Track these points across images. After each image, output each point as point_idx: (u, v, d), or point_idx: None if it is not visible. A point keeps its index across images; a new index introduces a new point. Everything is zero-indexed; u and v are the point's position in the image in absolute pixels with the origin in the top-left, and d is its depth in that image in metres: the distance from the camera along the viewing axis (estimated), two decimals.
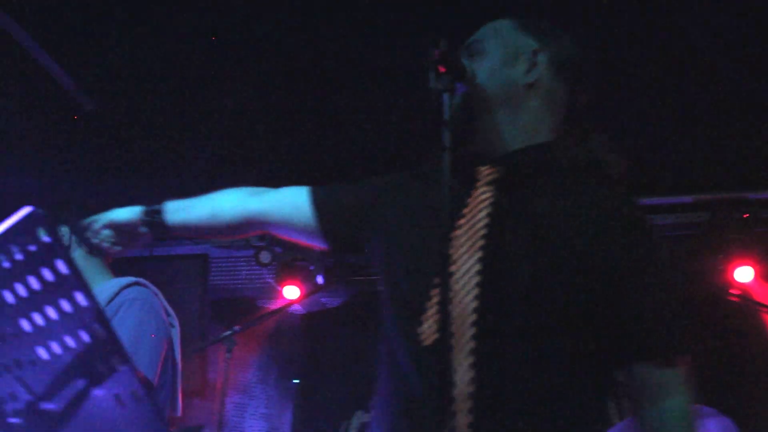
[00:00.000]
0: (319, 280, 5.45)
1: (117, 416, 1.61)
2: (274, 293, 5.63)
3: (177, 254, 5.71)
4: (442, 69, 1.63)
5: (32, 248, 1.53)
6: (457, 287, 1.66)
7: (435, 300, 1.67)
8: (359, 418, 5.38)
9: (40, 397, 1.72)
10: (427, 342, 1.65)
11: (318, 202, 1.99)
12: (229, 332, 4.11)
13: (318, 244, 2.03)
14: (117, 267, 3.05)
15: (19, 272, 1.58)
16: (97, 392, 1.61)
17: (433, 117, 1.63)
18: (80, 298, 1.50)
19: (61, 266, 1.50)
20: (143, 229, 2.15)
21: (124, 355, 1.52)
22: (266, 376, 5.85)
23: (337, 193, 2.02)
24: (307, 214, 1.99)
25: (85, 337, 1.54)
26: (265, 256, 5.41)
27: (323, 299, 5.82)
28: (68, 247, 2.82)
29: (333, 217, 1.98)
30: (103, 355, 1.54)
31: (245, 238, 5.49)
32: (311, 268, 5.45)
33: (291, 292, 5.40)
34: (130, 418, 1.57)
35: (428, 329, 1.66)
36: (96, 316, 1.50)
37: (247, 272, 5.83)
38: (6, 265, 1.61)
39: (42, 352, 1.66)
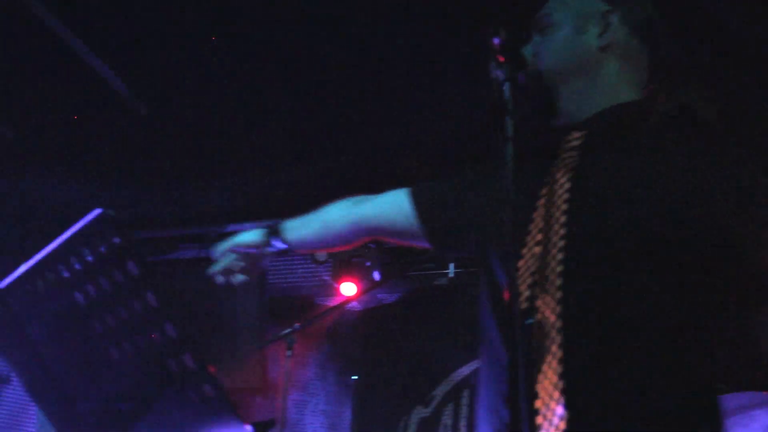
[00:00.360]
0: (376, 276, 5.45)
1: (188, 414, 1.62)
2: (331, 290, 5.65)
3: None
4: (501, 59, 1.63)
5: (103, 250, 1.55)
6: (543, 253, 1.66)
7: (523, 267, 1.68)
8: (418, 413, 5.38)
9: (113, 396, 1.74)
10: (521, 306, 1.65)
11: (418, 203, 2.02)
12: (289, 330, 4.14)
13: (421, 244, 2.07)
14: (175, 270, 3.09)
15: (90, 274, 1.61)
16: (169, 391, 1.62)
17: (495, 107, 1.62)
18: (151, 298, 1.52)
19: (132, 267, 1.52)
20: (268, 250, 2.20)
21: (196, 354, 1.53)
22: (325, 373, 5.88)
23: (435, 192, 2.04)
24: (408, 216, 2.02)
25: (156, 336, 1.56)
26: (320, 254, 5.43)
27: (380, 295, 5.81)
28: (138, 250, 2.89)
29: (432, 216, 2.00)
30: (174, 354, 1.55)
31: None
32: (367, 264, 5.45)
33: (348, 288, 5.41)
34: (202, 417, 1.59)
35: (518, 296, 1.66)
36: (167, 316, 1.52)
37: (304, 270, 5.85)
38: (77, 267, 1.63)
39: (114, 352, 1.68)
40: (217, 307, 5.47)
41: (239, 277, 2.22)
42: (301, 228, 2.20)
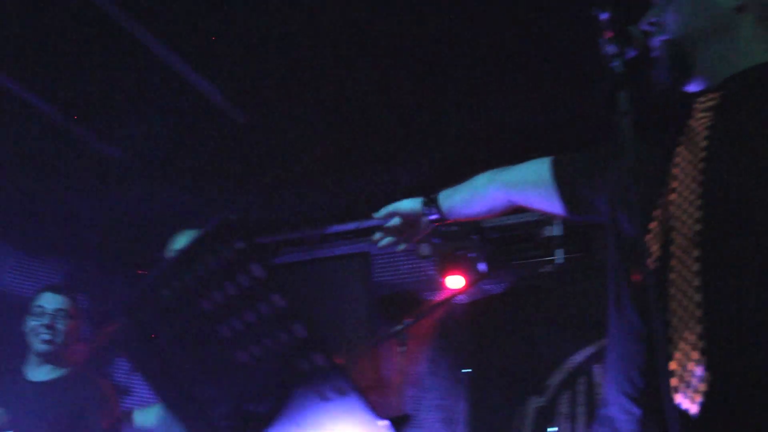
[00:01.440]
0: (481, 267, 5.39)
1: (322, 412, 1.63)
2: (437, 285, 5.62)
3: (338, 255, 5.77)
4: (610, 34, 1.61)
5: (227, 255, 1.57)
6: (678, 212, 1.62)
7: (656, 228, 1.66)
8: (534, 403, 5.31)
9: (244, 399, 1.76)
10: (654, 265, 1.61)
11: (556, 170, 2.09)
12: (401, 326, 4.13)
13: (558, 211, 2.12)
14: (280, 273, 3.13)
15: (215, 279, 1.63)
16: (301, 390, 1.63)
17: (608, 82, 1.60)
18: (277, 299, 1.53)
19: (257, 270, 1.53)
20: (425, 219, 2.31)
21: (327, 352, 1.53)
22: (437, 368, 5.85)
23: (572, 161, 2.10)
24: (547, 183, 2.10)
25: (285, 337, 1.57)
26: (424, 249, 5.41)
27: (486, 286, 5.76)
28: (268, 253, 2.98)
29: (568, 183, 2.06)
30: (304, 353, 1.56)
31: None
32: (472, 256, 5.40)
33: (454, 281, 5.37)
34: (336, 413, 1.59)
35: (650, 256, 1.62)
36: (295, 316, 1.52)
37: (409, 266, 5.84)
38: (202, 274, 1.65)
39: (242, 356, 1.70)
40: (324, 308, 5.51)
41: (400, 246, 2.36)
42: (452, 195, 2.31)
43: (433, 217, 2.30)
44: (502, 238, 5.46)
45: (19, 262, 6.43)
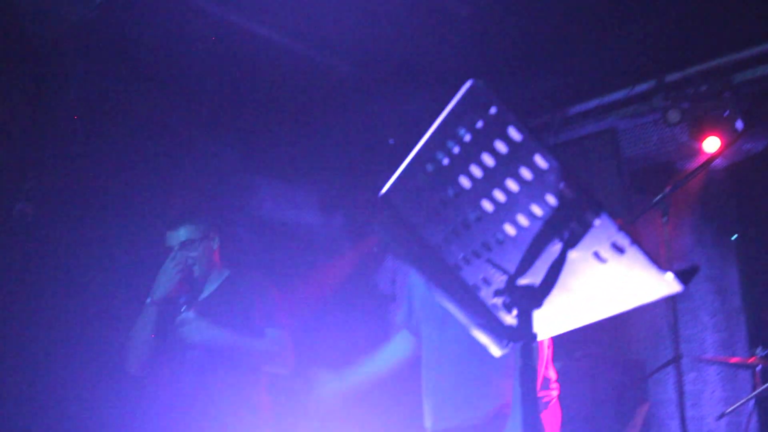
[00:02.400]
0: (738, 125, 5.02)
1: (598, 274, 1.55)
2: (691, 151, 5.31)
3: (583, 135, 5.60)
4: None
5: (479, 125, 1.51)
6: None
7: None
8: None
9: (515, 273, 1.72)
10: None
11: None
12: (661, 195, 3.94)
13: None
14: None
15: (471, 154, 1.58)
16: (574, 254, 1.56)
17: None
18: (540, 161, 1.46)
19: (514, 133, 1.46)
20: None
21: (599, 207, 1.45)
22: (702, 237, 5.58)
23: None
24: None
25: (552, 200, 1.50)
26: (673, 116, 5.11)
27: (746, 146, 5.36)
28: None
29: None
30: (575, 213, 1.48)
31: (651, 102, 5.22)
32: (726, 114, 5.03)
33: (710, 144, 5.04)
34: (614, 273, 1.51)
35: None
36: (561, 175, 1.44)
37: (659, 136, 5.55)
38: (456, 150, 1.61)
39: (509, 229, 1.65)
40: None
41: None
42: None
43: None
44: (758, 92, 5.04)
45: (275, 189, 6.77)
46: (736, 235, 5.35)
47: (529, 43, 4.89)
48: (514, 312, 1.70)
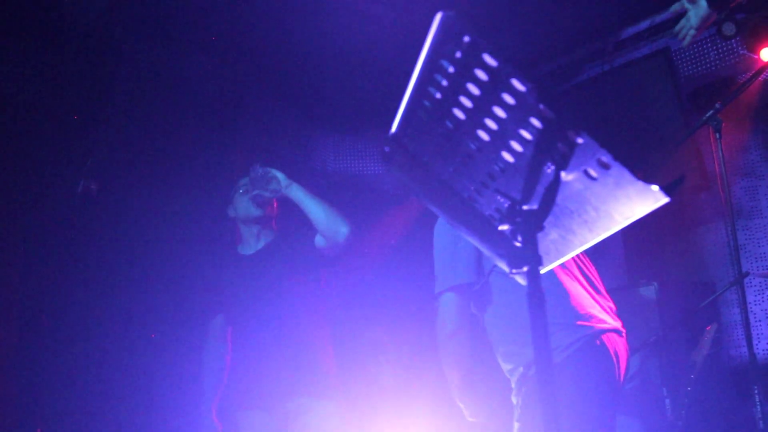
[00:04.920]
0: None
1: (591, 192, 1.55)
2: (752, 62, 5.13)
3: (637, 58, 5.46)
4: None
5: (458, 55, 1.52)
6: None
7: None
8: None
9: (520, 200, 1.73)
10: None
11: None
12: (711, 112, 3.84)
13: None
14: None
15: (457, 84, 1.58)
16: (566, 175, 1.56)
17: None
18: (517, 84, 1.46)
19: (489, 60, 1.47)
20: None
21: (579, 126, 1.44)
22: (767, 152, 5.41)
23: None
24: None
25: (536, 122, 1.50)
26: (728, 28, 4.94)
27: None
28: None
29: None
30: (558, 133, 1.48)
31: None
32: None
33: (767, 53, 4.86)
34: (605, 189, 1.51)
35: None
36: (538, 96, 1.45)
37: (716, 52, 5.37)
38: (444, 83, 1.62)
39: (507, 156, 1.66)
40: (634, 115, 5.28)
41: None
42: None
43: None
44: None
45: (337, 142, 6.84)
46: None
47: None
48: (519, 237, 1.71)
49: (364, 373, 5.75)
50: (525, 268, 1.65)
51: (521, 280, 1.85)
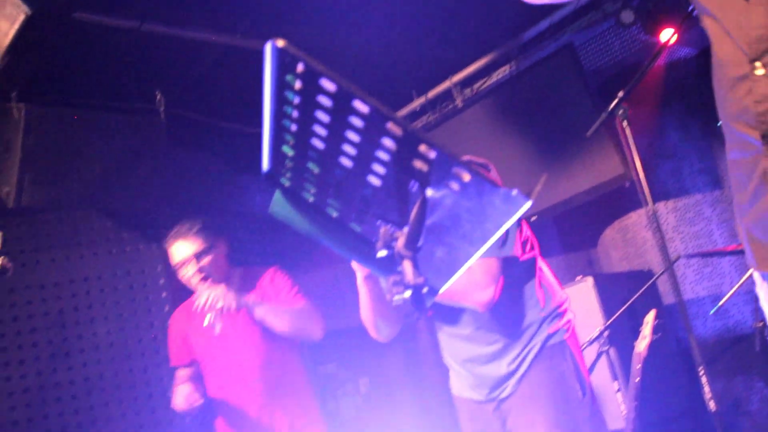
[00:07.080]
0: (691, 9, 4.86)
1: (459, 205, 1.50)
2: (656, 46, 5.15)
3: (540, 59, 5.44)
4: None
5: (298, 84, 1.46)
6: None
7: None
8: None
9: (393, 223, 1.67)
10: None
11: None
12: (614, 102, 3.83)
13: None
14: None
15: (306, 114, 1.52)
16: (432, 191, 1.51)
17: None
18: (360, 105, 1.40)
19: (328, 84, 1.40)
20: None
21: (427, 140, 1.39)
22: (688, 131, 5.45)
23: None
24: None
25: (389, 142, 1.44)
26: (626, 16, 4.96)
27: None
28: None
29: None
30: (411, 150, 1.43)
31: (602, 9, 5.07)
32: None
33: (667, 35, 4.88)
34: (467, 202, 1.46)
35: None
36: (383, 116, 1.39)
37: (619, 42, 5.40)
38: (295, 114, 1.56)
39: (373, 180, 1.60)
40: (547, 116, 5.27)
41: None
42: None
43: None
44: None
45: (261, 183, 6.74)
46: (720, 122, 5.21)
47: None
48: (401, 261, 1.65)
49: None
50: (407, 293, 1.58)
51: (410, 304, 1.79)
